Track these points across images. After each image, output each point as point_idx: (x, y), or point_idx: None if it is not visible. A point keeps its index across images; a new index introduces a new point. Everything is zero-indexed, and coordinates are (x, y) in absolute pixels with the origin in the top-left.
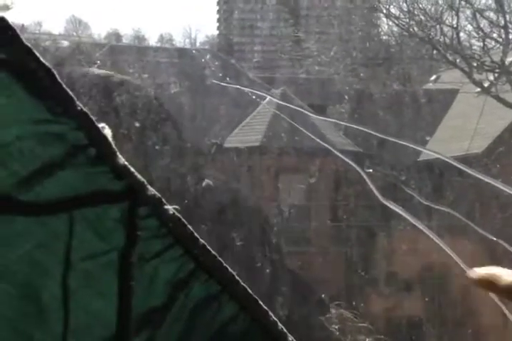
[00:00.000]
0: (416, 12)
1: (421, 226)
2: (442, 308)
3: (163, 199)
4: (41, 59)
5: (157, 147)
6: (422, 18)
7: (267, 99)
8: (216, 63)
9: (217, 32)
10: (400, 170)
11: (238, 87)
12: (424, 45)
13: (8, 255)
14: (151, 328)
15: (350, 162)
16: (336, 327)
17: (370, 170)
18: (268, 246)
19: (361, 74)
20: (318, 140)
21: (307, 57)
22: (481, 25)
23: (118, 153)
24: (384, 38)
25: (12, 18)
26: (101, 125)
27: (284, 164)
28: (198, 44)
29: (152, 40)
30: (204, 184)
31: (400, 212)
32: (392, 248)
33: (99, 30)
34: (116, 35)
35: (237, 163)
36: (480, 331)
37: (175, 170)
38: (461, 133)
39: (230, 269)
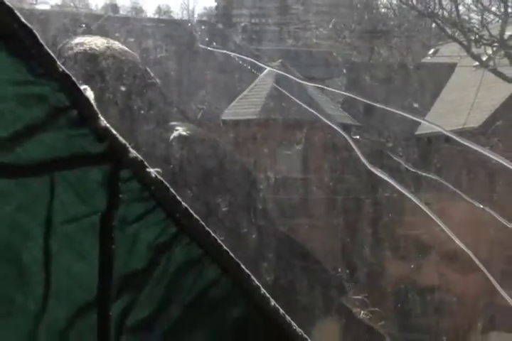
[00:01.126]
0: None
1: (406, 193)
2: (428, 275)
3: (145, 162)
4: (23, 20)
5: (142, 112)
6: None
7: (265, 71)
8: (214, 36)
9: (215, 4)
10: (396, 144)
11: (225, 51)
12: (422, 19)
13: None
14: (133, 291)
15: (341, 130)
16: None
17: (358, 137)
18: (254, 212)
19: (359, 47)
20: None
21: (306, 29)
22: None
23: (100, 115)
24: (383, 10)
25: None
26: (83, 87)
27: (280, 136)
28: (195, 16)
29: (150, 12)
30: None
31: (387, 179)
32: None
33: (96, 1)
34: (113, 6)
35: (225, 131)
36: (464, 298)
37: (160, 135)
38: (459, 106)
39: (212, 233)
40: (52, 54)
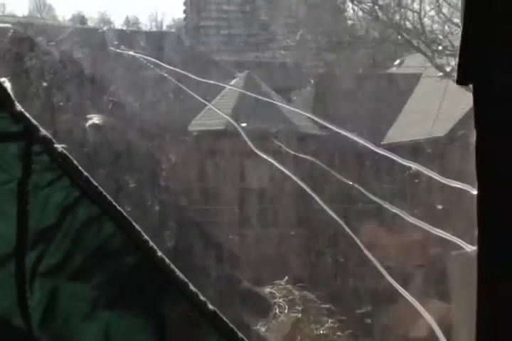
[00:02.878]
0: None
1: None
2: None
3: (53, 140)
4: None
5: (61, 103)
6: (386, 2)
7: (233, 81)
8: (180, 47)
9: (183, 15)
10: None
11: (131, 53)
12: (388, 30)
13: None
14: (45, 243)
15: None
16: None
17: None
18: (158, 188)
19: (326, 58)
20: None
21: (273, 41)
22: (443, 10)
23: (15, 102)
24: (349, 22)
25: None
26: (2, 79)
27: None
28: (164, 27)
29: (118, 23)
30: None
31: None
32: None
33: (63, 13)
34: (81, 18)
35: None
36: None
37: (77, 123)
38: (424, 116)
39: (108, 197)
40: None
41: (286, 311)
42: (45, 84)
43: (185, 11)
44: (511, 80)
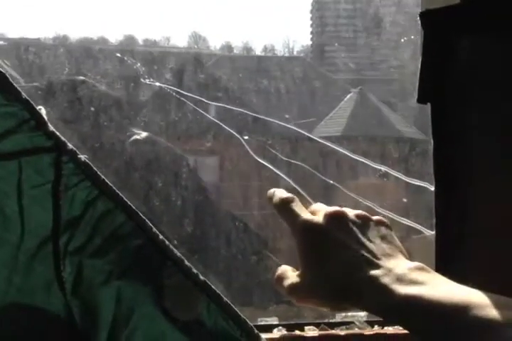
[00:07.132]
0: None
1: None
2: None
3: (78, 151)
4: None
5: (105, 123)
6: None
7: (348, 96)
8: (306, 69)
9: (310, 42)
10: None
11: (158, 84)
12: None
13: None
14: (72, 229)
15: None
16: None
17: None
18: (179, 187)
19: None
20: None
21: (383, 61)
22: None
23: (48, 123)
24: None
25: (146, 34)
26: (39, 107)
27: (361, 149)
28: (295, 53)
29: (258, 50)
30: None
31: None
32: None
33: (215, 43)
34: (229, 47)
35: None
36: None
37: (118, 137)
38: None
39: (120, 194)
40: (17, 87)
41: None
42: (92, 108)
43: (311, 39)
44: (461, 101)
